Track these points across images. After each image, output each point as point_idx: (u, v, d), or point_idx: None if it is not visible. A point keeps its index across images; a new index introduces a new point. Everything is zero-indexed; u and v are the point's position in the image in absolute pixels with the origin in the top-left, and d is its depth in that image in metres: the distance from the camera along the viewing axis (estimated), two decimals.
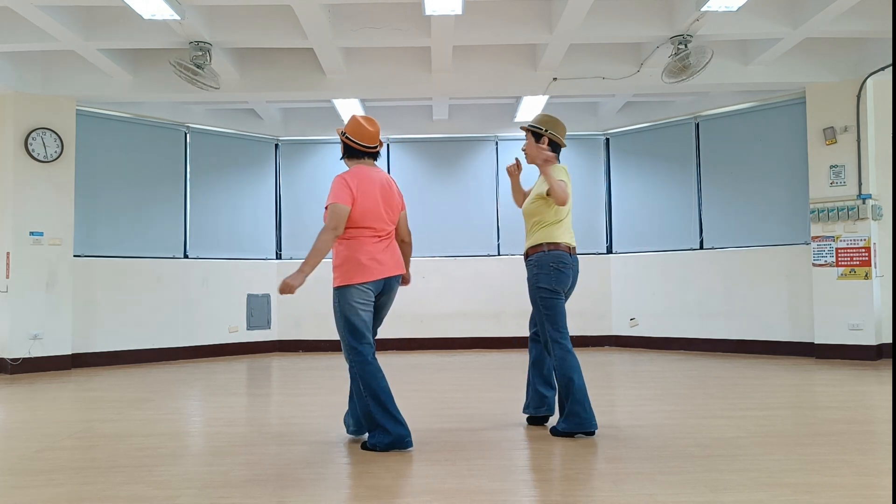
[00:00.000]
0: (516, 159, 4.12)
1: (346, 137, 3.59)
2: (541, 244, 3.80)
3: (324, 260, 3.40)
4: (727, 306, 7.67)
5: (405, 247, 3.76)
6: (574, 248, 3.87)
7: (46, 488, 2.91)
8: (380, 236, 3.51)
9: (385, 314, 3.70)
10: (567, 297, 3.89)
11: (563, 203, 3.58)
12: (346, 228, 3.44)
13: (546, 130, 3.89)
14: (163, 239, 7.91)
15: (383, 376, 3.47)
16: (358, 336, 3.46)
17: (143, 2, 5.14)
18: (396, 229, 3.68)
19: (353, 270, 3.43)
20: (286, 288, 3.25)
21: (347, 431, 3.79)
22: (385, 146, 8.93)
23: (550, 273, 3.74)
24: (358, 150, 3.58)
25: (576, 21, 5.78)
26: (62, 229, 7.01)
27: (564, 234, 3.82)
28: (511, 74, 7.09)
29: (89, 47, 6.12)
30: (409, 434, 3.44)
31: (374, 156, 3.63)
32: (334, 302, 3.48)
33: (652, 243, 8.40)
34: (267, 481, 2.97)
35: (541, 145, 3.87)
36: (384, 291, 3.57)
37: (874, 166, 6.78)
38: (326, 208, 3.44)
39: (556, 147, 3.89)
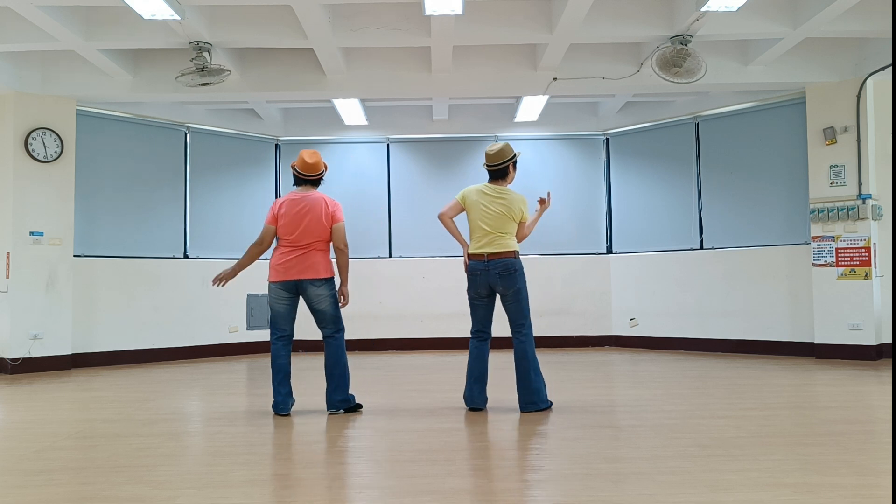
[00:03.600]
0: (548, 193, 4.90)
1: (294, 169, 4.57)
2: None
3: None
4: (727, 306, 7.67)
5: (340, 255, 4.50)
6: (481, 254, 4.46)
7: (46, 488, 2.91)
8: (294, 247, 4.41)
9: (324, 311, 4.46)
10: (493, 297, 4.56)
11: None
12: (278, 238, 4.47)
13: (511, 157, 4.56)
14: (163, 239, 7.91)
15: (280, 356, 4.42)
16: (272, 323, 4.50)
17: (143, 2, 5.14)
18: (333, 239, 4.48)
19: (270, 271, 4.46)
20: (220, 277, 4.55)
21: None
22: (385, 146, 8.94)
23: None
24: (297, 177, 4.56)
25: (576, 21, 5.78)
26: (62, 229, 7.01)
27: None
28: (511, 74, 7.09)
29: (89, 47, 6.12)
30: (282, 406, 4.40)
31: (314, 182, 4.57)
32: None
33: (652, 243, 8.40)
34: (267, 481, 2.98)
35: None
36: (299, 292, 4.44)
37: (874, 166, 6.78)
38: None
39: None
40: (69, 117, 7.10)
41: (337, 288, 4.51)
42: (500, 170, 4.51)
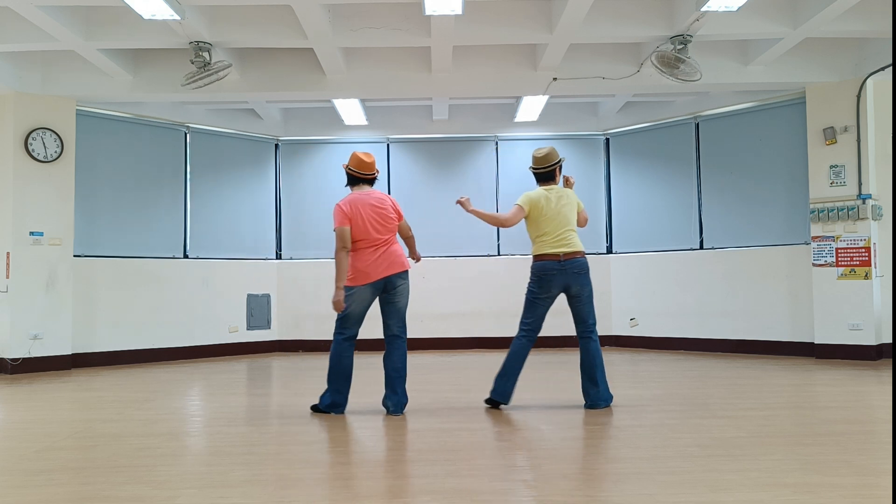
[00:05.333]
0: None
1: (350, 169, 4.50)
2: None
3: (319, 262, 3.88)
4: (727, 306, 7.67)
5: (410, 240, 4.65)
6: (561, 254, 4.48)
7: (46, 488, 2.91)
8: (377, 245, 4.34)
9: (402, 307, 4.45)
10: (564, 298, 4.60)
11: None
12: (352, 242, 4.31)
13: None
14: (163, 239, 7.91)
15: (347, 357, 4.39)
16: (343, 323, 4.39)
17: (143, 2, 5.14)
18: (400, 231, 4.53)
19: (356, 276, 4.31)
20: (335, 306, 4.30)
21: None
22: (385, 146, 8.94)
23: (532, 279, 4.55)
24: (357, 177, 4.48)
25: (576, 21, 5.78)
26: (62, 229, 7.01)
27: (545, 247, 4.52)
28: (511, 74, 7.09)
29: (89, 47, 6.12)
30: (343, 405, 4.40)
31: (370, 181, 4.51)
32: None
33: (652, 243, 8.40)
34: (267, 481, 2.98)
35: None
36: (387, 289, 4.36)
37: (874, 166, 6.78)
38: (335, 231, 4.32)
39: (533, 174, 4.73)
40: (69, 117, 7.10)
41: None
42: (550, 172, 4.65)
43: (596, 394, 4.49)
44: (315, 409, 4.50)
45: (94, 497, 2.78)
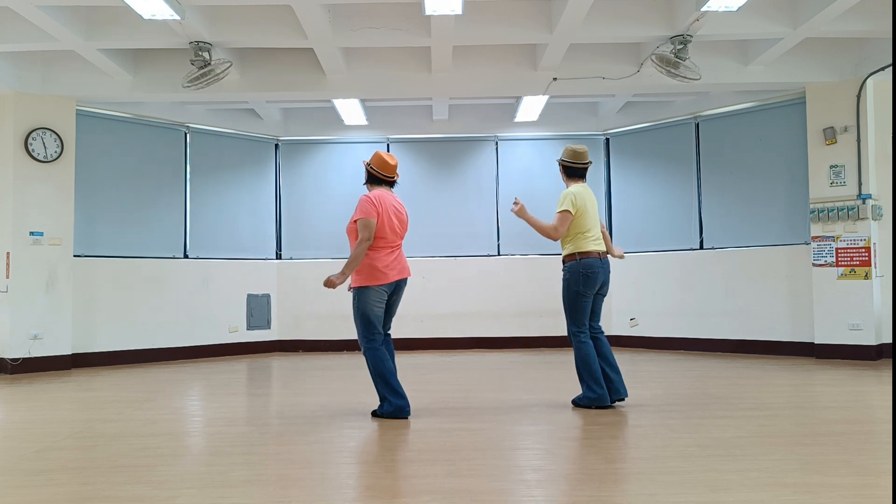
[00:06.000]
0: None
1: (371, 168, 4.44)
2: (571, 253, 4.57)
3: (319, 262, 3.90)
4: (727, 306, 7.67)
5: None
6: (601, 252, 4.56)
7: (46, 488, 2.91)
8: (392, 248, 4.31)
9: (395, 310, 4.44)
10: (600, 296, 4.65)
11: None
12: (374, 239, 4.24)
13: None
14: (163, 239, 7.91)
15: (388, 358, 4.27)
16: (371, 328, 4.26)
17: (143, 2, 5.14)
18: None
19: (372, 275, 4.22)
20: (329, 283, 4.11)
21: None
22: (385, 146, 8.94)
23: (579, 278, 4.48)
24: (379, 178, 4.42)
25: (576, 21, 5.78)
26: (62, 229, 7.01)
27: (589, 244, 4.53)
28: (511, 74, 7.09)
29: (89, 47, 6.12)
30: (408, 405, 4.23)
31: (391, 184, 4.46)
32: (354, 300, 4.28)
33: (652, 243, 8.40)
34: (267, 481, 2.97)
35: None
36: (395, 292, 4.36)
37: (874, 166, 6.78)
38: (355, 222, 4.22)
39: (567, 169, 4.69)
40: (69, 117, 7.10)
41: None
42: (586, 168, 4.68)
43: (620, 381, 4.54)
44: (377, 414, 4.32)
45: (94, 497, 2.78)
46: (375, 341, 4.25)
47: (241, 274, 8.43)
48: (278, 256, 8.83)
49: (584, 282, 4.46)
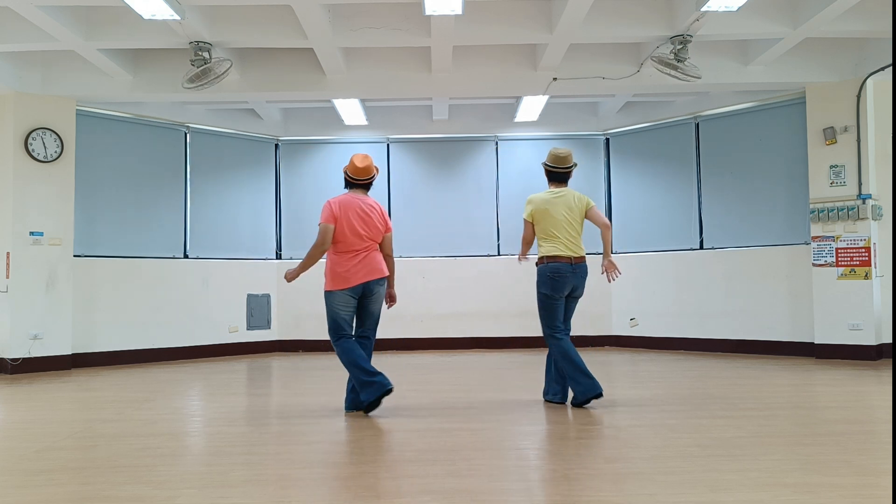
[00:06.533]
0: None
1: (344, 172, 4.56)
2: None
3: (319, 262, 4.45)
4: (727, 306, 7.67)
5: (390, 261, 4.58)
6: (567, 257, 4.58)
7: (46, 488, 2.91)
8: (355, 252, 4.37)
9: (376, 312, 4.50)
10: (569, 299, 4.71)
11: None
12: (333, 243, 4.37)
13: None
14: (163, 239, 7.91)
15: (357, 346, 4.37)
16: (339, 330, 4.41)
17: (143, 2, 5.14)
18: (382, 246, 4.52)
19: (333, 280, 4.38)
20: (286, 276, 4.39)
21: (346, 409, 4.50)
22: (385, 146, 8.94)
23: (545, 280, 4.60)
24: (349, 181, 4.53)
25: (576, 21, 5.78)
26: (62, 229, 7.01)
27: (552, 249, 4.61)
28: (511, 74, 7.09)
29: (89, 47, 6.12)
30: (386, 379, 4.26)
31: (364, 186, 4.53)
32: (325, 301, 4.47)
33: (652, 243, 8.40)
34: (267, 481, 2.98)
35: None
36: (365, 295, 4.41)
37: (874, 166, 6.78)
38: (319, 226, 4.38)
39: (547, 173, 4.78)
40: (69, 117, 7.10)
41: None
42: (566, 173, 4.71)
43: (591, 384, 4.46)
44: (368, 408, 4.32)
45: (94, 497, 2.78)
46: (343, 339, 4.40)
47: (240, 274, 8.43)
48: (278, 256, 8.83)
49: (551, 285, 4.57)
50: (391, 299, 4.63)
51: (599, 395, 4.47)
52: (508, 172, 8.91)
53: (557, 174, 4.71)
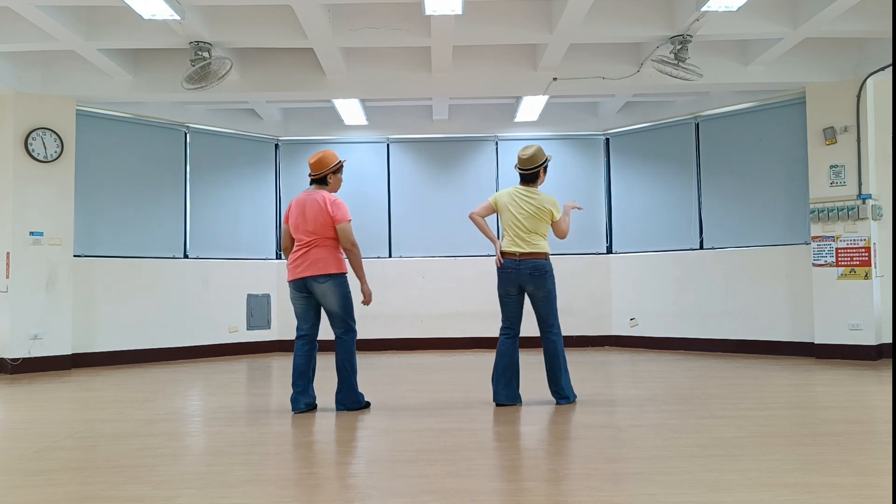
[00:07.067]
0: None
1: None
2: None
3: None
4: (727, 306, 7.67)
5: (349, 255, 4.54)
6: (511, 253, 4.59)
7: (47, 488, 2.91)
8: (300, 245, 4.46)
9: (331, 309, 4.51)
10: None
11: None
12: (292, 240, 4.53)
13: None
14: (163, 239, 7.91)
15: (298, 355, 4.55)
16: (297, 325, 4.61)
17: (143, 2, 5.14)
18: (340, 241, 4.49)
19: (288, 273, 4.54)
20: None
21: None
22: (385, 146, 8.94)
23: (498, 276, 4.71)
24: (309, 178, 4.62)
25: (576, 21, 5.78)
26: (62, 229, 7.01)
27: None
28: (511, 74, 7.09)
29: (89, 47, 6.12)
30: (297, 400, 4.48)
31: (319, 181, 4.56)
32: None
33: (652, 243, 8.40)
34: (267, 481, 2.98)
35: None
36: (308, 291, 4.47)
37: (874, 166, 6.78)
38: None
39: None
40: (69, 117, 7.10)
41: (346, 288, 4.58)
42: (533, 173, 4.64)
43: (555, 391, 4.62)
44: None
45: (94, 497, 2.78)
46: (296, 335, 4.59)
47: (241, 274, 8.43)
48: (278, 256, 8.82)
49: (498, 280, 4.69)
50: (364, 296, 4.59)
51: (499, 403, 4.57)
52: (508, 172, 8.89)
53: (522, 175, 4.68)
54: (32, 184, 6.87)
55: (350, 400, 4.54)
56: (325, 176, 4.56)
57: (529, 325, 4.77)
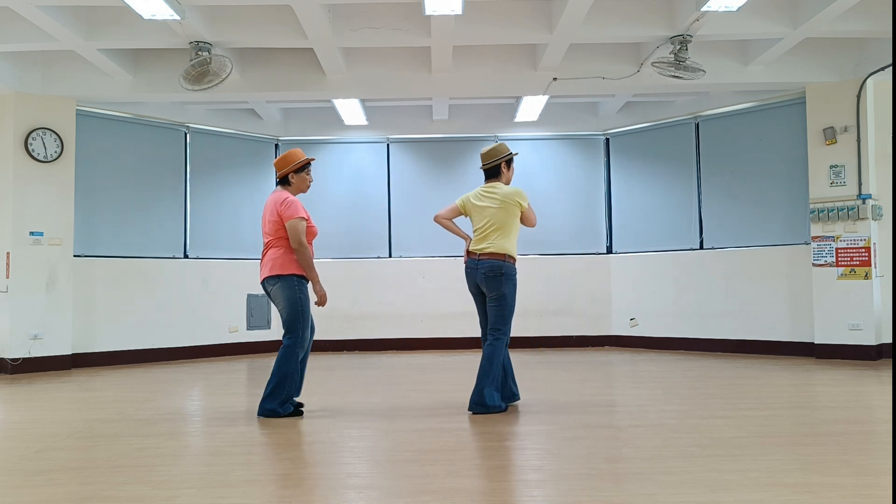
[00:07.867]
0: None
1: None
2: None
3: (318, 262, 4.53)
4: (727, 306, 7.67)
5: (297, 255, 4.33)
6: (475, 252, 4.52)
7: (47, 488, 2.91)
8: (264, 248, 4.43)
9: (280, 311, 4.32)
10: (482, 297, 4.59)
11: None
12: None
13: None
14: (163, 239, 7.91)
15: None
16: None
17: (143, 2, 5.14)
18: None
19: None
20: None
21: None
22: (385, 146, 8.94)
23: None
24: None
25: (576, 21, 5.78)
26: (62, 229, 7.01)
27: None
28: (511, 74, 7.09)
29: (89, 47, 6.12)
30: (262, 406, 4.30)
31: (281, 181, 4.51)
32: None
33: (652, 243, 8.40)
34: (267, 481, 2.97)
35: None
36: (266, 292, 4.41)
37: (874, 166, 6.78)
38: None
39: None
40: (69, 117, 7.10)
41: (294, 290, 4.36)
42: (493, 168, 4.59)
43: (474, 397, 4.35)
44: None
45: (94, 497, 2.78)
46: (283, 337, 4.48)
47: (241, 274, 8.42)
48: None
49: (466, 280, 4.60)
50: (318, 297, 4.34)
51: (472, 411, 4.33)
52: None
53: (485, 172, 4.63)
54: (32, 184, 6.87)
55: (267, 408, 4.28)
56: (286, 175, 4.46)
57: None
